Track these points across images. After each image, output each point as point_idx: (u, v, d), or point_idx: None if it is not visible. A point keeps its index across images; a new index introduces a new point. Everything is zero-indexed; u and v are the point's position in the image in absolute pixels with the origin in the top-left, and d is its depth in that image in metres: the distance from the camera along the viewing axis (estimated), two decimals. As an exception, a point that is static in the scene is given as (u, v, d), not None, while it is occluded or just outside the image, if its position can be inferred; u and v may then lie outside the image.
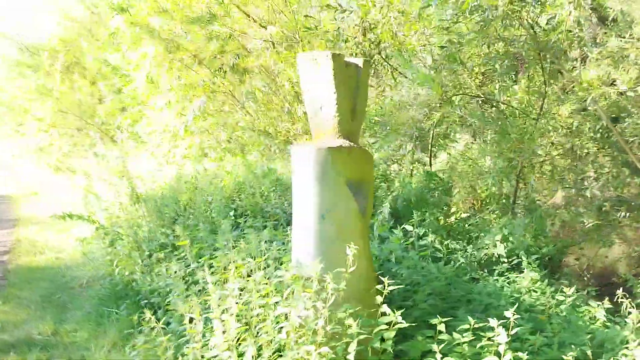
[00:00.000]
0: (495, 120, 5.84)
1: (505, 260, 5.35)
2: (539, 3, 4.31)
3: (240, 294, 3.43)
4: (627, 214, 4.89)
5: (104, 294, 5.56)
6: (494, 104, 5.88)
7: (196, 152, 9.01)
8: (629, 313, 4.09)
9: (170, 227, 5.84)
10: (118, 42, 9.31)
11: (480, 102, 5.87)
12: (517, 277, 4.99)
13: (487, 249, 5.44)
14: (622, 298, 3.71)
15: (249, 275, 3.80)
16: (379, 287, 3.17)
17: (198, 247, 4.70)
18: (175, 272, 4.70)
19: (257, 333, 3.27)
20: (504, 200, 6.48)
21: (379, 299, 3.16)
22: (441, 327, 3.26)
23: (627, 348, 3.56)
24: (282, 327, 3.13)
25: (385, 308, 3.11)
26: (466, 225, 6.26)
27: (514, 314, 3.21)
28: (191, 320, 3.59)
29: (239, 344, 3.27)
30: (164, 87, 8.76)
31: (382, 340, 3.08)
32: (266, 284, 3.49)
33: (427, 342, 3.29)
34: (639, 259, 5.43)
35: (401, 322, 3.04)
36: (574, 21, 4.21)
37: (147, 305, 4.93)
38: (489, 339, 3.22)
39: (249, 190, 6.14)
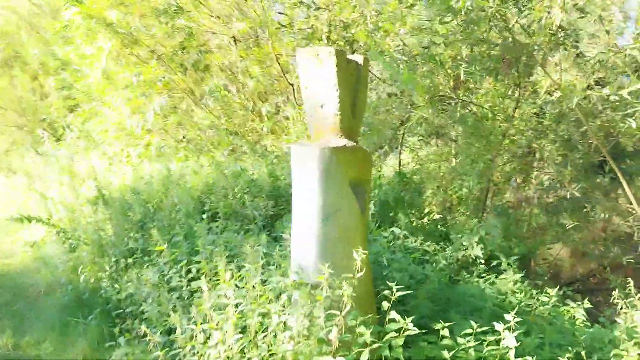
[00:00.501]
0: (473, 122, 5.87)
1: (482, 261, 5.38)
2: (526, 7, 4.32)
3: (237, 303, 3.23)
4: (605, 215, 5.00)
5: (66, 303, 5.19)
6: (469, 106, 5.90)
7: (155, 152, 8.64)
8: (614, 312, 4.18)
9: (138, 230, 5.54)
10: (71, 35, 8.80)
11: (454, 103, 5.88)
12: (497, 278, 5.02)
13: (465, 250, 5.45)
14: (618, 299, 3.76)
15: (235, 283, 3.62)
16: (386, 292, 3.07)
17: (176, 252, 4.44)
18: (150, 278, 4.45)
19: (257, 343, 3.09)
20: (475, 202, 6.53)
21: (386, 304, 3.06)
22: (444, 332, 3.20)
23: (617, 347, 3.61)
24: (286, 337, 2.97)
25: (394, 314, 3.01)
26: (439, 226, 6.27)
27: (514, 317, 3.20)
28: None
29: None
30: (121, 84, 8.34)
31: (390, 347, 2.97)
32: (261, 291, 3.31)
33: (431, 348, 3.22)
34: (612, 259, 5.57)
35: (413, 329, 2.94)
36: (560, 25, 4.25)
37: (120, 315, 4.63)
38: (490, 343, 3.19)
39: (220, 192, 5.90)
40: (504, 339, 3.11)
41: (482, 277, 5.11)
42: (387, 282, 3.28)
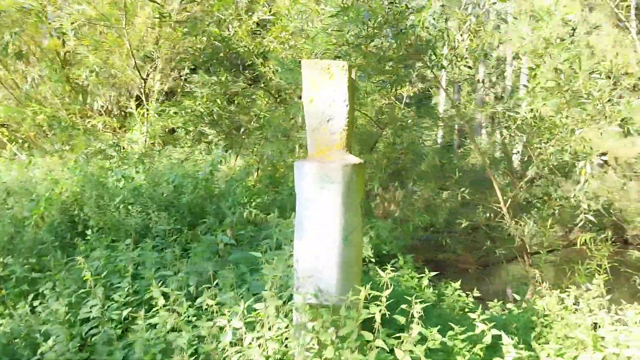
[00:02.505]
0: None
1: (373, 260, 5.71)
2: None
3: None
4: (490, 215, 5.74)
5: None
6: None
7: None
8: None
9: (2, 254, 4.50)
10: None
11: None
12: (396, 275, 5.37)
13: (358, 250, 5.69)
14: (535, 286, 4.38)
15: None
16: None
17: (98, 279, 3.76)
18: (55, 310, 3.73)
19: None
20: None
21: (402, 319, 3.10)
22: (435, 336, 3.37)
23: (534, 330, 4.22)
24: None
25: (417, 327, 3.08)
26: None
27: (478, 315, 3.50)
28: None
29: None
30: None
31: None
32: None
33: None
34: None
35: (435, 339, 3.05)
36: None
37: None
38: (464, 340, 3.48)
39: (94, 203, 5.09)
40: (486, 335, 3.40)
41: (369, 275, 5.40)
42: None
